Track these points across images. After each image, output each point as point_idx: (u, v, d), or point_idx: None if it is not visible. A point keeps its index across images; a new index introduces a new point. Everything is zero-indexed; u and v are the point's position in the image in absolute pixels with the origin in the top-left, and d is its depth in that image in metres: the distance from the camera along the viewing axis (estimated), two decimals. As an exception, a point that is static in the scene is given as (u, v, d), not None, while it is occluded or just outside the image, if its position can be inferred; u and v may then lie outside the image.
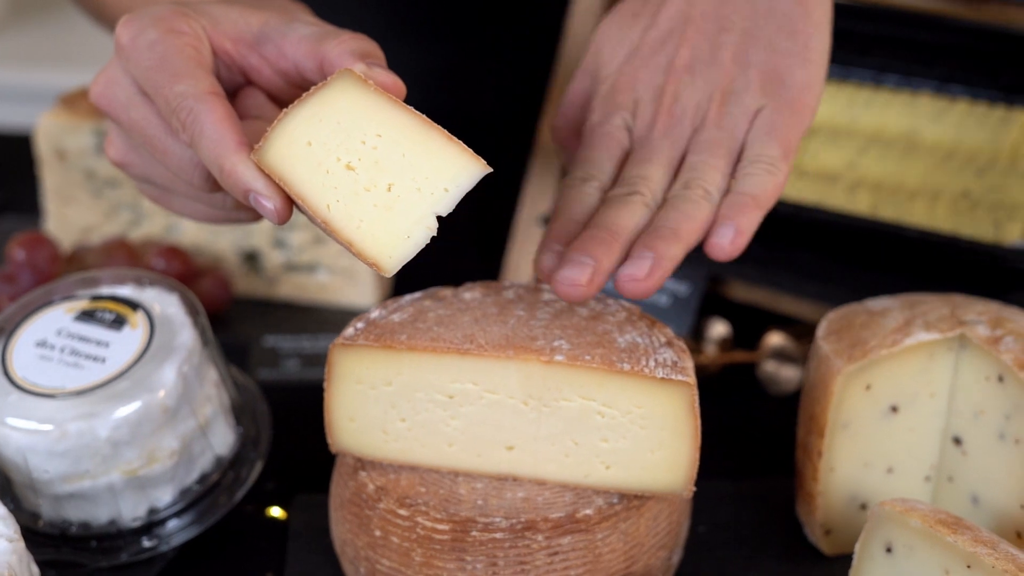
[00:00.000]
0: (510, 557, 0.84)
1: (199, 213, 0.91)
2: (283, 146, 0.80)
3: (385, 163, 0.79)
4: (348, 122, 0.79)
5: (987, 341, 0.89)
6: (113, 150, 0.91)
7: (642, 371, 0.83)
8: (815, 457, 0.91)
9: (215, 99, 0.82)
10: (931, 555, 0.81)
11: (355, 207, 0.78)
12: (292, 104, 0.81)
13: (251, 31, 0.88)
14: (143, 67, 0.84)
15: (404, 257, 0.78)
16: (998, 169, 1.11)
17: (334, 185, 0.79)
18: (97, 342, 0.93)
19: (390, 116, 0.79)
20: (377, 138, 0.79)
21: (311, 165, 0.79)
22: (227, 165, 0.80)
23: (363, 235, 0.78)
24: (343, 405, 0.88)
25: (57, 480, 0.90)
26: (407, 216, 0.78)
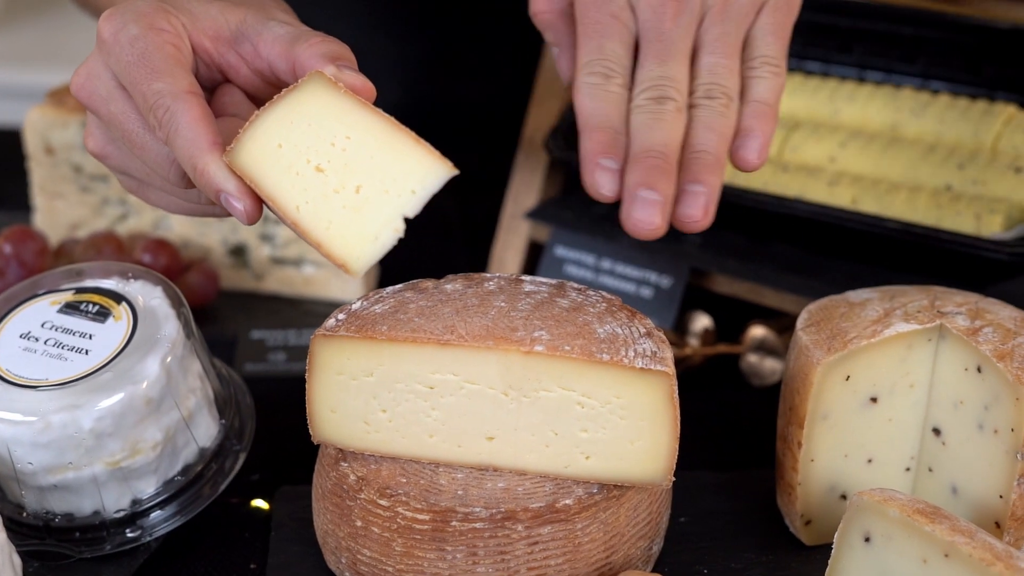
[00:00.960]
0: (490, 547, 0.84)
1: (174, 206, 0.92)
2: (254, 148, 0.81)
3: (354, 165, 0.80)
4: (318, 124, 0.81)
5: (966, 332, 0.90)
6: (92, 141, 0.92)
7: (621, 361, 0.84)
8: (795, 448, 0.92)
9: (192, 98, 0.83)
10: (909, 544, 0.82)
11: (324, 208, 0.80)
12: (263, 107, 0.82)
13: (229, 29, 0.89)
14: (123, 62, 0.85)
15: (372, 259, 0.79)
16: (979, 162, 1.11)
17: (304, 187, 0.80)
18: (81, 334, 0.93)
19: (359, 118, 0.81)
20: (346, 140, 0.80)
21: (281, 167, 0.80)
22: (199, 165, 0.81)
23: (332, 236, 0.79)
24: (324, 396, 0.88)
25: (41, 472, 0.90)
26: (375, 218, 0.79)
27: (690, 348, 1.14)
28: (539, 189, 1.27)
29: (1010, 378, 0.86)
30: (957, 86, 1.19)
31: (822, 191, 1.14)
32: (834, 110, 1.21)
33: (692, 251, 1.18)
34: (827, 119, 1.21)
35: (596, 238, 1.21)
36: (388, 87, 1.43)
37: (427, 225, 0.93)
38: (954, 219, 1.08)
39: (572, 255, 1.21)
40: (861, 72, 1.24)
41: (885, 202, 1.11)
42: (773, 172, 1.16)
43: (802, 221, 1.12)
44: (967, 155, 1.13)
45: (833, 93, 1.21)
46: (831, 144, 1.17)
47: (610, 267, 1.19)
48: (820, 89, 1.22)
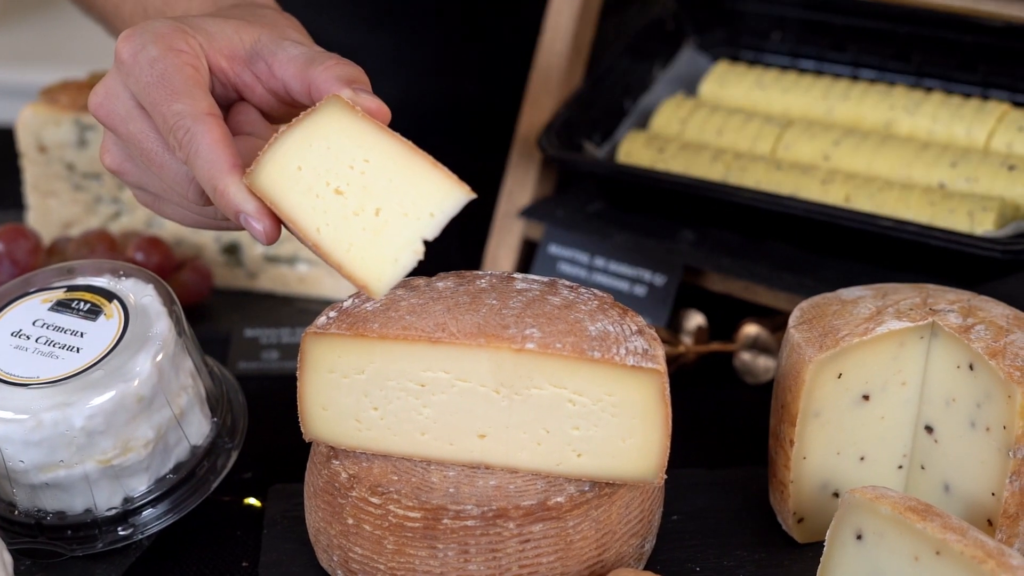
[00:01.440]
0: (482, 545, 0.84)
1: (189, 220, 0.93)
2: (274, 171, 0.82)
3: (373, 188, 0.81)
4: (337, 147, 0.82)
5: (958, 330, 0.90)
6: (109, 158, 0.93)
7: (613, 359, 0.83)
8: (787, 446, 0.92)
9: (212, 120, 0.84)
10: (901, 542, 0.82)
11: (344, 231, 0.81)
12: (282, 129, 0.83)
13: (244, 48, 0.90)
14: (143, 83, 0.86)
15: (392, 280, 0.80)
16: (973, 160, 1.11)
17: (324, 209, 0.81)
18: (72, 332, 0.93)
19: (377, 142, 0.82)
20: (365, 163, 0.81)
21: (301, 189, 0.81)
22: (220, 186, 0.83)
23: (352, 258, 0.80)
24: (316, 394, 0.88)
25: (32, 470, 0.90)
26: (395, 240, 0.80)
27: (683, 346, 1.14)
28: (533, 187, 1.27)
29: (1002, 376, 0.86)
30: (951, 84, 1.20)
31: (815, 189, 1.14)
32: (827, 108, 1.21)
33: (686, 249, 1.18)
34: (821, 117, 1.21)
35: (590, 236, 1.21)
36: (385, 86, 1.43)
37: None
38: (947, 217, 1.08)
39: (566, 253, 1.21)
40: (855, 70, 1.24)
41: (878, 200, 1.11)
42: (767, 170, 1.16)
43: (795, 219, 1.12)
44: (960, 153, 1.13)
45: (827, 91, 1.21)
46: (825, 142, 1.17)
47: (603, 265, 1.19)
48: (813, 87, 1.22)
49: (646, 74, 1.30)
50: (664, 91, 1.30)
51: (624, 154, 1.22)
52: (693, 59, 1.31)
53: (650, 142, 1.22)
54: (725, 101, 1.25)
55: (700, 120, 1.23)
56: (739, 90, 1.25)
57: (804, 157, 1.17)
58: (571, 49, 1.27)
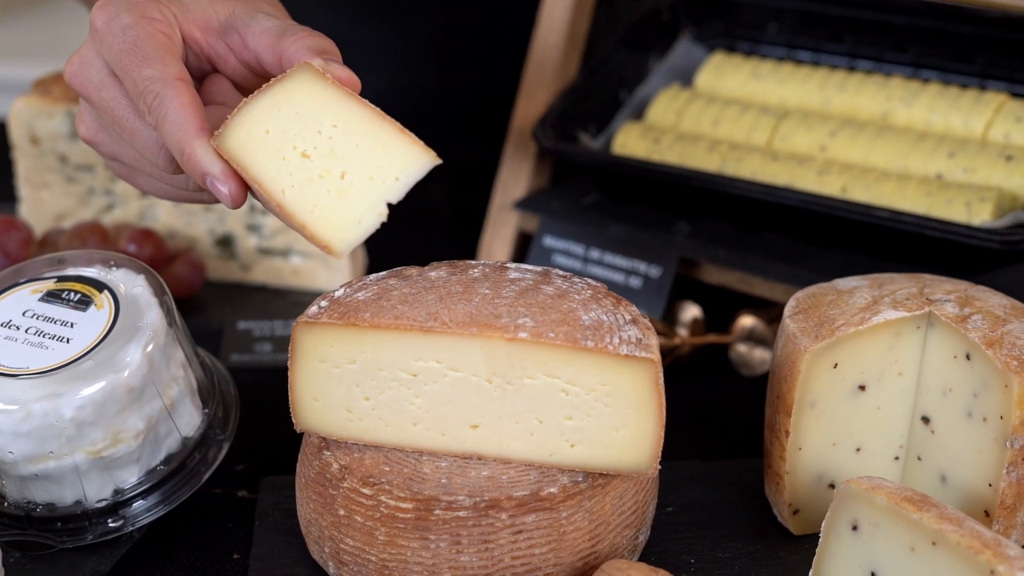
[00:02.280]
0: (474, 536, 0.83)
1: (163, 192, 0.93)
2: (242, 133, 0.83)
3: (340, 152, 0.82)
4: (306, 113, 0.83)
5: (955, 319, 0.89)
6: (84, 128, 0.93)
7: (606, 348, 0.83)
8: (782, 436, 0.91)
9: (181, 85, 0.85)
10: (897, 532, 0.81)
11: (309, 193, 0.81)
12: (252, 94, 0.84)
13: (218, 20, 0.91)
14: (115, 50, 0.87)
15: (355, 240, 0.81)
16: (970, 151, 1.11)
17: (289, 171, 0.82)
18: (63, 322, 0.92)
19: (346, 108, 0.83)
20: (332, 128, 0.82)
21: (268, 152, 0.82)
22: (187, 149, 0.83)
23: (316, 219, 0.81)
24: (307, 384, 0.87)
25: (22, 461, 0.89)
26: (359, 203, 0.81)
27: (679, 338, 1.13)
28: (528, 179, 1.27)
29: (999, 365, 0.86)
30: (948, 75, 1.19)
31: (812, 180, 1.13)
32: (824, 99, 1.20)
33: (681, 240, 1.18)
34: (817, 108, 1.20)
35: (585, 228, 1.20)
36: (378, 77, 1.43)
37: (416, 215, 0.92)
38: (944, 207, 1.08)
39: (561, 245, 1.20)
40: (851, 61, 1.23)
41: (875, 191, 1.10)
42: (763, 161, 1.15)
43: (792, 210, 1.11)
44: (958, 143, 1.12)
45: (823, 82, 1.20)
46: (821, 133, 1.16)
47: (599, 257, 1.19)
48: (810, 78, 1.21)
49: (642, 65, 1.29)
50: (660, 82, 1.29)
51: (619, 145, 1.22)
52: (689, 50, 1.30)
53: (646, 133, 1.21)
54: (721, 92, 1.25)
55: (696, 111, 1.22)
56: (735, 81, 1.24)
57: (800, 148, 1.17)
58: (566, 40, 1.27)
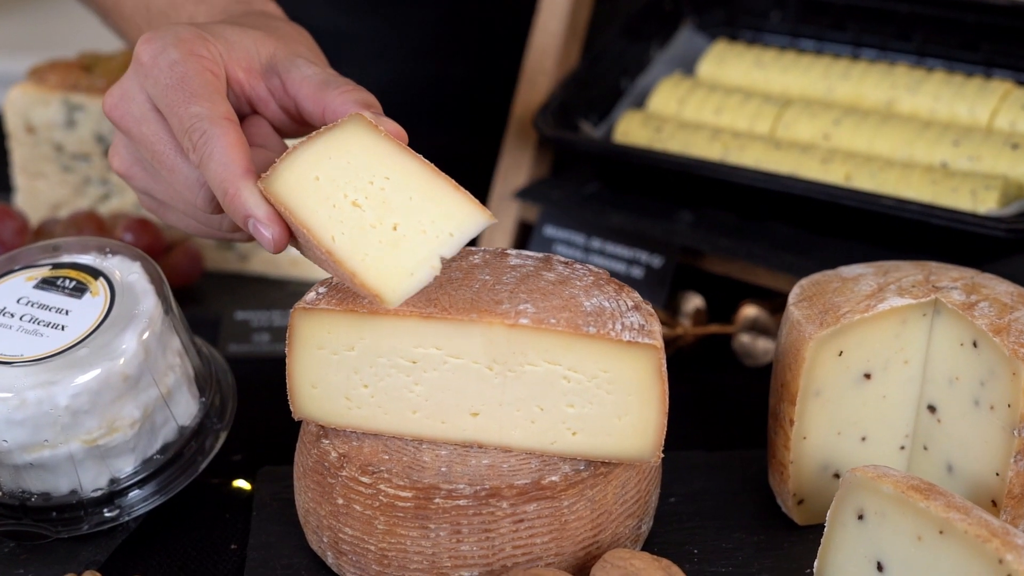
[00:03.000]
0: (474, 525, 0.82)
1: (193, 228, 0.92)
2: (291, 177, 0.81)
3: (392, 204, 0.80)
4: (357, 163, 0.81)
5: (962, 307, 0.88)
6: (118, 160, 0.92)
7: (608, 334, 0.82)
8: (787, 425, 0.90)
9: (228, 124, 0.84)
10: (903, 521, 0.80)
11: (360, 241, 0.80)
12: (302, 140, 0.83)
13: (260, 61, 0.90)
14: (161, 85, 0.85)
15: (407, 292, 0.79)
16: (975, 139, 1.10)
17: (340, 219, 0.80)
18: (57, 310, 0.91)
19: (399, 161, 0.81)
20: (385, 180, 0.81)
21: (318, 198, 0.81)
22: (231, 190, 0.82)
23: (367, 268, 0.79)
24: (305, 371, 0.86)
25: (16, 450, 0.88)
26: (412, 255, 0.79)
27: (681, 328, 1.12)
28: (528, 169, 1.26)
29: (1007, 352, 0.84)
30: (953, 64, 1.18)
31: (815, 168, 1.12)
32: (828, 87, 1.19)
33: (683, 230, 1.16)
34: (821, 97, 1.19)
35: (586, 217, 1.19)
36: (378, 70, 1.42)
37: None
38: (950, 196, 1.06)
39: (561, 234, 1.19)
40: (855, 50, 1.22)
41: (880, 179, 1.09)
42: (766, 149, 1.14)
43: (795, 199, 1.10)
44: (963, 132, 1.11)
45: (827, 70, 1.19)
46: (825, 121, 1.15)
47: (600, 246, 1.17)
48: (813, 66, 1.20)
49: (643, 54, 1.28)
50: (661, 71, 1.28)
51: (621, 134, 1.21)
52: (691, 39, 1.29)
53: (647, 122, 1.20)
54: (723, 81, 1.23)
55: (698, 100, 1.21)
56: (738, 70, 1.23)
57: (804, 136, 1.15)
58: (567, 29, 1.26)
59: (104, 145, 1.24)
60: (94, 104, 1.23)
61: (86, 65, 1.26)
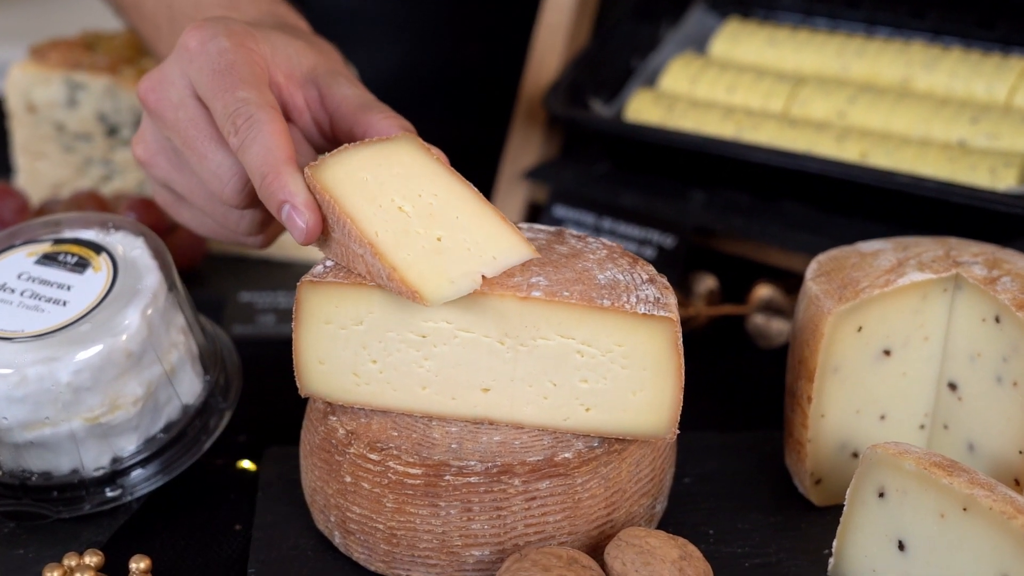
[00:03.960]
0: (485, 502, 0.80)
1: (207, 227, 0.92)
2: (340, 171, 0.81)
3: (438, 218, 0.80)
4: (407, 175, 0.82)
5: (983, 281, 0.86)
6: (142, 148, 0.92)
7: (623, 307, 0.79)
8: (804, 403, 0.88)
9: (275, 112, 0.84)
10: (925, 499, 0.78)
11: (403, 241, 0.79)
12: (353, 143, 0.83)
13: (301, 71, 0.90)
14: (208, 70, 0.85)
15: (446, 297, 0.78)
16: (993, 116, 1.08)
17: (385, 219, 0.80)
18: (59, 285, 0.89)
19: (448, 183, 0.82)
20: (433, 196, 0.81)
21: (364, 196, 0.80)
22: (272, 173, 0.81)
23: (409, 265, 0.78)
24: (312, 347, 0.84)
25: (16, 427, 0.86)
26: (454, 266, 0.79)
27: (694, 309, 1.10)
28: (537, 149, 1.24)
29: (1030, 327, 0.83)
30: (969, 41, 1.16)
31: (830, 146, 1.10)
32: (842, 66, 1.17)
33: (696, 210, 1.14)
34: (835, 75, 1.17)
35: (597, 197, 1.17)
36: (388, 52, 1.40)
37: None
38: (968, 173, 1.04)
39: (572, 215, 1.17)
40: (869, 28, 1.20)
41: (896, 157, 1.07)
42: (779, 127, 1.12)
43: (810, 177, 1.08)
44: (980, 109, 1.09)
45: (841, 49, 1.17)
46: (840, 99, 1.13)
47: (611, 227, 1.15)
48: (827, 45, 1.18)
49: (654, 33, 1.26)
50: (672, 50, 1.26)
51: (632, 113, 1.19)
52: (702, 18, 1.27)
53: (659, 100, 1.18)
54: (736, 60, 1.21)
55: (710, 78, 1.19)
56: (751, 48, 1.21)
57: (818, 114, 1.13)
58: (577, 7, 1.24)
59: (106, 124, 1.22)
60: (96, 83, 1.21)
61: (88, 43, 1.24)
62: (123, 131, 1.22)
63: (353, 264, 0.81)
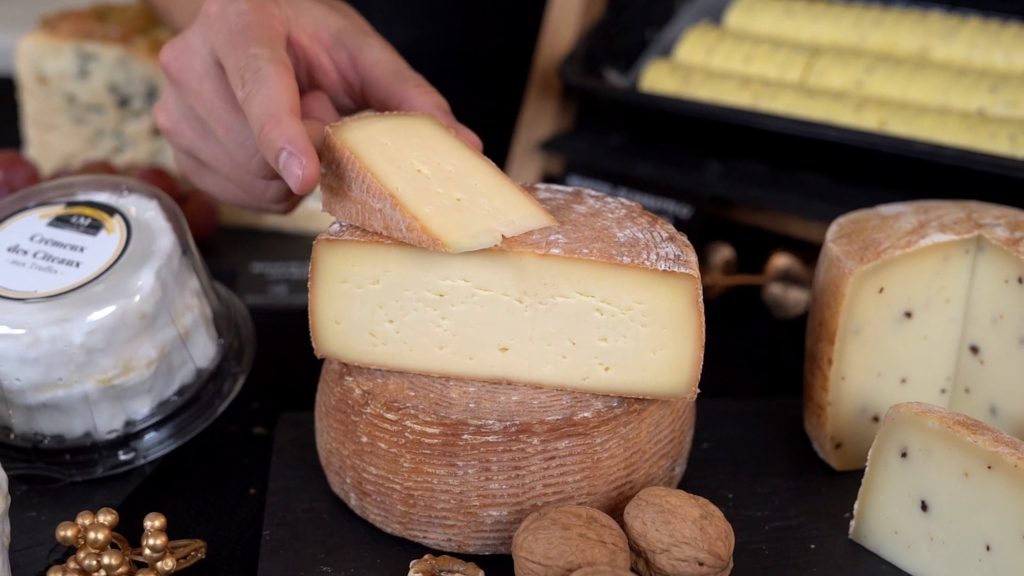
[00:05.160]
0: (504, 462, 0.79)
1: (231, 194, 0.92)
2: (361, 133, 0.82)
3: (457, 182, 0.81)
4: (428, 146, 0.83)
5: (1006, 242, 0.85)
6: (165, 116, 0.91)
7: (643, 264, 0.79)
8: (825, 365, 0.87)
9: (284, 67, 0.84)
10: (949, 458, 0.77)
11: (423, 195, 0.79)
12: (373, 112, 0.85)
13: (329, 32, 0.90)
14: (225, 31, 0.85)
15: (466, 247, 0.77)
16: (1013, 85, 1.07)
17: (404, 178, 0.80)
18: (72, 247, 0.89)
19: (467, 156, 0.83)
20: (452, 165, 0.82)
21: (385, 157, 0.81)
22: (271, 120, 0.81)
23: (430, 216, 0.78)
24: (328, 306, 0.83)
25: (29, 389, 0.85)
26: (474, 222, 0.79)
27: (711, 279, 1.09)
28: (552, 121, 1.23)
29: (1054, 287, 0.82)
30: (988, 12, 1.15)
31: (848, 115, 1.09)
32: (859, 36, 1.16)
33: (712, 180, 1.14)
34: (852, 46, 1.16)
35: (612, 168, 1.16)
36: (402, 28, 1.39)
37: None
38: (987, 141, 1.03)
39: (587, 186, 1.16)
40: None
41: (915, 125, 1.06)
42: (797, 97, 1.11)
43: (828, 146, 1.07)
44: (999, 78, 1.08)
45: (858, 19, 1.16)
46: (858, 69, 1.12)
47: (627, 196, 1.14)
48: (844, 15, 1.17)
49: (669, 4, 1.25)
50: (687, 22, 1.25)
51: (647, 83, 1.18)
52: (717, -10, 1.26)
53: (674, 71, 1.17)
54: (752, 31, 1.21)
55: (727, 49, 1.18)
56: (767, 19, 1.20)
57: (836, 84, 1.13)
58: (591, -22, 1.23)
59: (117, 96, 1.22)
60: (108, 54, 1.20)
61: (99, 14, 1.23)
62: (135, 102, 1.22)
63: (370, 221, 0.80)
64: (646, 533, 0.77)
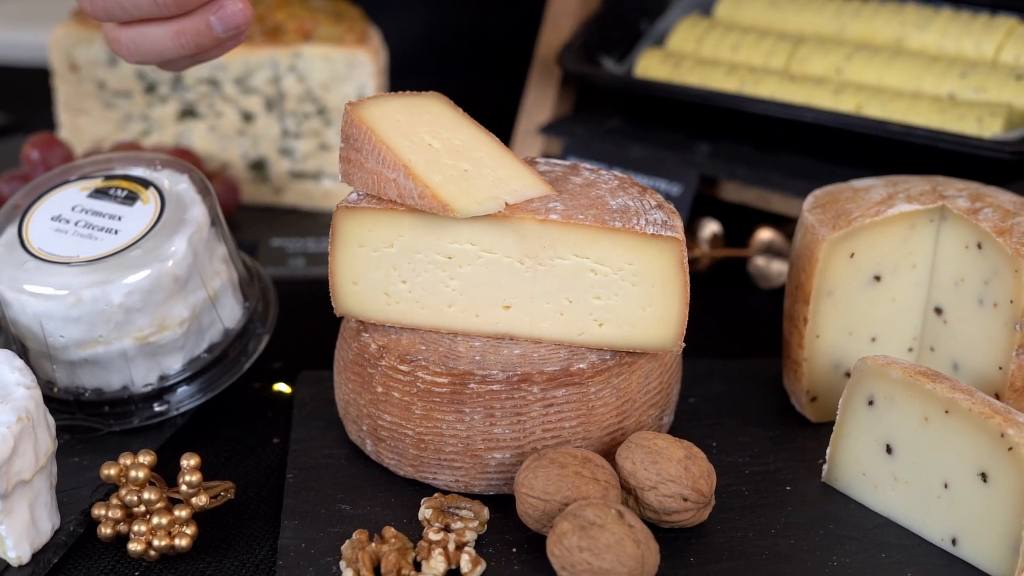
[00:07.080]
0: (506, 408, 0.87)
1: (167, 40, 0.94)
2: (376, 110, 0.91)
3: (464, 154, 0.90)
4: (436, 122, 0.92)
5: (967, 212, 0.93)
6: None
7: (633, 228, 0.87)
8: (801, 324, 0.95)
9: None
10: (911, 404, 0.85)
11: (433, 166, 0.88)
12: (386, 94, 0.94)
13: None
14: None
15: (473, 212, 0.86)
16: (981, 71, 1.14)
17: (416, 151, 0.89)
18: (110, 216, 0.96)
19: (473, 131, 0.93)
20: (460, 140, 0.91)
21: (398, 132, 0.90)
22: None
23: (439, 184, 0.87)
24: (346, 268, 0.91)
25: (72, 346, 0.93)
26: (481, 190, 0.88)
27: (699, 251, 1.17)
28: (552, 106, 1.30)
29: (1009, 251, 0.89)
30: (959, 4, 1.22)
31: (827, 99, 1.17)
32: (839, 27, 1.24)
33: (701, 160, 1.21)
34: (833, 35, 1.24)
35: (607, 150, 1.24)
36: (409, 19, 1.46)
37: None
38: (956, 123, 1.11)
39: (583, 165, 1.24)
40: (866, -9, 1.27)
41: (889, 109, 1.14)
42: (780, 83, 1.19)
43: (808, 127, 1.15)
44: (969, 65, 1.16)
45: (839, 11, 1.24)
46: (837, 56, 1.20)
47: (621, 176, 1.22)
48: (826, 7, 1.25)
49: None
50: (679, 13, 1.33)
51: (641, 70, 1.26)
52: (708, -17, 1.34)
53: (666, 59, 1.25)
54: (740, 21, 1.28)
55: (715, 38, 1.26)
56: (754, 11, 1.28)
57: (817, 71, 1.20)
58: (589, -28, 1.31)
59: (145, 82, 1.29)
60: (136, 42, 1.28)
61: (128, 5, 1.31)
62: (161, 88, 1.29)
63: (385, 190, 0.88)
64: (635, 472, 0.85)
